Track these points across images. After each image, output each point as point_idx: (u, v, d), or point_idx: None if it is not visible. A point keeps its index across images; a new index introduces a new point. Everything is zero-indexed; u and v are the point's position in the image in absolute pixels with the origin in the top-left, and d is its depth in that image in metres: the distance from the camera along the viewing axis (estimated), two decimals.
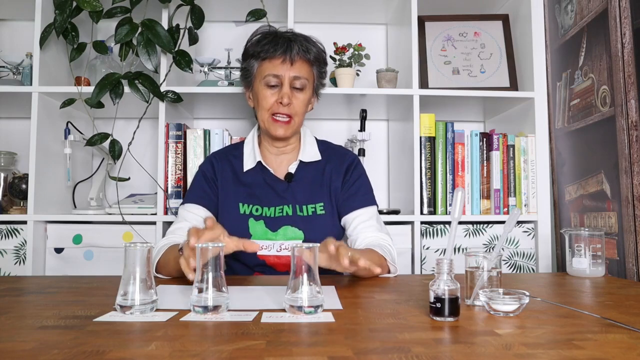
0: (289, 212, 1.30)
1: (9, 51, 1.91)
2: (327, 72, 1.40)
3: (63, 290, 1.02)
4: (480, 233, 1.69)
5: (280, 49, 1.27)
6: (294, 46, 1.27)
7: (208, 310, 0.77)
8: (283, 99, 1.26)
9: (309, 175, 1.34)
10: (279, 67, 1.27)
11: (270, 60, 1.28)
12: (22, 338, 0.65)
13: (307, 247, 0.78)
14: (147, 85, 1.60)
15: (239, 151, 1.39)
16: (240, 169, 1.36)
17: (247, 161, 1.36)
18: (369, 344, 0.63)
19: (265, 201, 1.31)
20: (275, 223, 1.29)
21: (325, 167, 1.35)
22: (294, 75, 1.28)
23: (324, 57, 1.36)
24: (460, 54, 1.86)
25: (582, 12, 1.56)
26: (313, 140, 1.41)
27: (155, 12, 1.65)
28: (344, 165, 1.36)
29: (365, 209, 1.32)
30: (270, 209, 1.30)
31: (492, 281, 0.86)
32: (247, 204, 1.31)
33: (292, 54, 1.27)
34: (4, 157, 1.81)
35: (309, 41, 1.32)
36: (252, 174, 1.35)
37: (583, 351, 0.60)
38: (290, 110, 1.29)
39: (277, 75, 1.27)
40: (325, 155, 1.37)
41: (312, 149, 1.38)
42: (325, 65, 1.38)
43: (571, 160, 1.62)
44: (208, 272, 0.78)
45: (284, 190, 1.32)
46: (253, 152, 1.36)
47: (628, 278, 1.33)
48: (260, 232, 1.28)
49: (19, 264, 1.60)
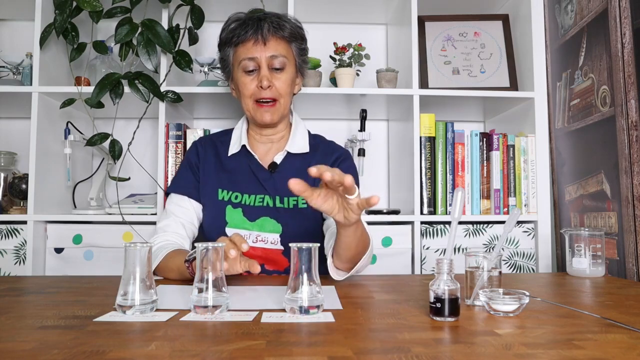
0: (269, 203, 1.26)
1: (9, 51, 1.91)
2: (308, 50, 1.34)
3: (63, 290, 1.02)
4: (480, 233, 1.69)
5: (250, 29, 1.22)
6: (264, 25, 1.22)
7: (208, 310, 0.77)
8: (262, 82, 1.21)
9: (294, 167, 1.29)
10: (253, 49, 1.22)
11: (243, 44, 1.23)
12: (22, 338, 0.65)
13: (307, 247, 0.78)
14: (147, 85, 1.60)
15: (227, 137, 1.36)
16: (224, 154, 1.32)
17: (233, 145, 1.33)
18: (369, 344, 0.63)
19: (245, 188, 1.28)
20: (253, 212, 1.26)
21: (311, 160, 1.30)
22: (270, 55, 1.22)
23: (301, 32, 1.29)
24: (460, 54, 1.86)
25: (582, 12, 1.56)
26: (305, 133, 1.36)
27: (155, 12, 1.65)
28: (332, 157, 1.32)
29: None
30: (250, 197, 1.27)
31: (492, 281, 0.86)
32: (226, 190, 1.28)
33: (264, 32, 1.21)
34: (4, 157, 1.81)
35: (281, 17, 1.26)
36: (236, 158, 1.32)
37: (583, 351, 0.60)
38: (273, 93, 1.23)
39: (253, 58, 1.22)
40: (314, 149, 1.33)
41: (301, 141, 1.33)
42: (304, 41, 1.31)
43: (571, 160, 1.62)
44: (208, 272, 0.78)
45: (265, 180, 1.28)
46: (240, 137, 1.33)
47: (628, 278, 1.33)
48: (237, 221, 1.25)
49: (19, 264, 1.60)
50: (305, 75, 1.37)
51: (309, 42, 1.35)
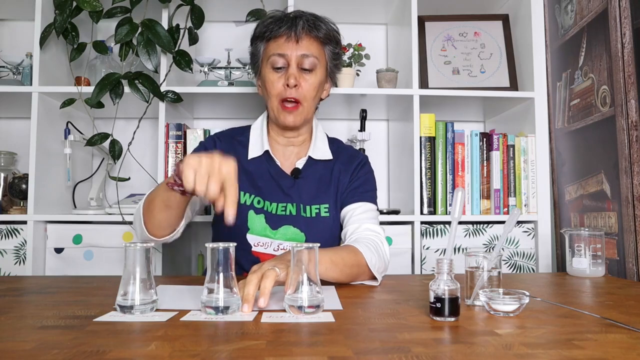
0: (292, 212, 1.22)
1: (9, 51, 1.91)
2: (342, 55, 1.27)
3: (63, 290, 1.02)
4: (480, 233, 1.69)
5: (284, 25, 1.17)
6: (299, 22, 1.18)
7: (219, 311, 0.77)
8: (289, 79, 1.16)
9: (317, 173, 1.26)
10: (284, 46, 1.17)
11: (275, 40, 1.19)
12: (22, 338, 0.65)
13: (307, 248, 0.78)
14: (147, 85, 1.60)
15: (245, 137, 1.30)
16: (244, 156, 1.26)
17: (253, 149, 1.26)
18: (369, 344, 0.63)
19: (268, 195, 1.23)
20: (276, 220, 1.22)
21: (334, 167, 1.28)
22: (301, 54, 1.17)
23: (336, 36, 1.24)
24: (460, 54, 1.86)
25: (582, 12, 1.56)
26: (324, 137, 1.33)
27: (155, 12, 1.65)
28: (353, 164, 1.29)
29: (363, 203, 1.24)
30: (272, 205, 1.22)
31: (492, 281, 0.86)
32: (248, 194, 1.22)
33: (297, 29, 1.17)
34: (4, 157, 1.81)
35: (318, 18, 1.22)
36: (257, 163, 1.26)
37: (583, 351, 0.60)
38: (298, 93, 1.18)
39: (283, 55, 1.17)
40: (336, 156, 1.30)
41: (323, 146, 1.30)
42: (339, 45, 1.26)
43: (571, 160, 1.62)
44: (219, 272, 0.78)
45: (289, 187, 1.24)
46: (261, 140, 1.27)
47: (628, 278, 1.33)
48: (259, 228, 1.21)
49: (19, 264, 1.60)
50: (335, 82, 1.32)
51: None
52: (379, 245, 1.13)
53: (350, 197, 1.25)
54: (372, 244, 1.11)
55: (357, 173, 1.28)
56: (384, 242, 1.16)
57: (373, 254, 1.08)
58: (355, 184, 1.27)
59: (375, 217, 1.24)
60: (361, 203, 1.24)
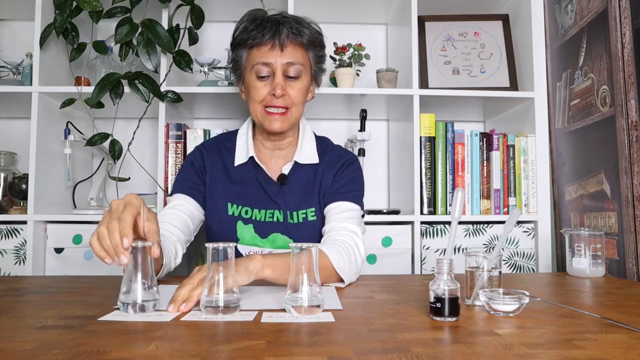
0: (279, 218, 1.21)
1: (9, 51, 1.91)
2: (325, 56, 1.28)
3: (63, 290, 1.02)
4: (480, 233, 1.69)
5: (268, 33, 1.15)
6: (283, 29, 1.15)
7: (219, 310, 0.77)
8: (276, 90, 1.15)
9: (303, 178, 1.25)
10: (268, 54, 1.16)
11: (258, 48, 1.17)
12: (22, 338, 0.65)
13: (307, 248, 0.78)
14: (147, 85, 1.60)
15: (232, 142, 1.29)
16: (230, 163, 1.26)
17: (239, 155, 1.26)
18: (369, 344, 0.63)
19: (255, 202, 1.22)
20: (265, 229, 1.21)
21: (318, 169, 1.26)
22: (286, 62, 1.16)
23: (319, 39, 1.23)
24: (460, 54, 1.86)
25: (582, 12, 1.56)
26: (312, 138, 1.30)
27: (155, 12, 1.65)
28: (338, 165, 1.26)
29: (344, 202, 1.20)
30: (260, 212, 1.22)
31: (492, 281, 0.86)
32: (236, 205, 1.22)
33: (282, 38, 1.15)
34: (4, 157, 1.81)
35: (300, 22, 1.19)
36: (243, 169, 1.25)
37: (583, 351, 0.60)
38: (286, 101, 1.17)
39: (267, 63, 1.16)
40: (322, 157, 1.27)
41: (309, 149, 1.27)
42: (323, 48, 1.25)
43: (571, 160, 1.62)
44: (219, 272, 0.78)
45: (275, 194, 1.23)
46: (246, 146, 1.26)
47: (628, 278, 1.33)
48: (249, 238, 1.21)
49: (19, 264, 1.60)
50: (319, 83, 1.31)
51: None
52: (350, 247, 1.10)
53: (331, 197, 1.22)
54: (342, 246, 1.08)
55: (342, 173, 1.25)
56: (359, 242, 1.14)
57: (341, 256, 1.05)
58: (338, 184, 1.24)
59: (356, 216, 1.21)
60: (341, 202, 1.21)
